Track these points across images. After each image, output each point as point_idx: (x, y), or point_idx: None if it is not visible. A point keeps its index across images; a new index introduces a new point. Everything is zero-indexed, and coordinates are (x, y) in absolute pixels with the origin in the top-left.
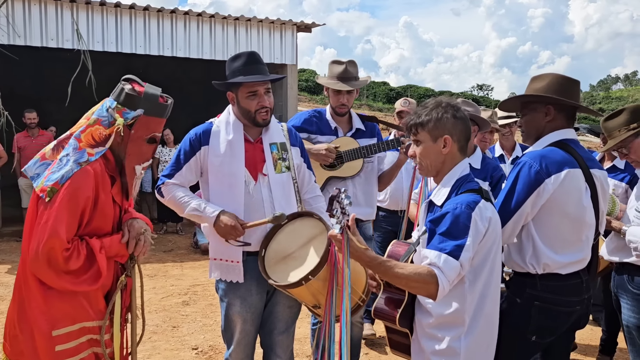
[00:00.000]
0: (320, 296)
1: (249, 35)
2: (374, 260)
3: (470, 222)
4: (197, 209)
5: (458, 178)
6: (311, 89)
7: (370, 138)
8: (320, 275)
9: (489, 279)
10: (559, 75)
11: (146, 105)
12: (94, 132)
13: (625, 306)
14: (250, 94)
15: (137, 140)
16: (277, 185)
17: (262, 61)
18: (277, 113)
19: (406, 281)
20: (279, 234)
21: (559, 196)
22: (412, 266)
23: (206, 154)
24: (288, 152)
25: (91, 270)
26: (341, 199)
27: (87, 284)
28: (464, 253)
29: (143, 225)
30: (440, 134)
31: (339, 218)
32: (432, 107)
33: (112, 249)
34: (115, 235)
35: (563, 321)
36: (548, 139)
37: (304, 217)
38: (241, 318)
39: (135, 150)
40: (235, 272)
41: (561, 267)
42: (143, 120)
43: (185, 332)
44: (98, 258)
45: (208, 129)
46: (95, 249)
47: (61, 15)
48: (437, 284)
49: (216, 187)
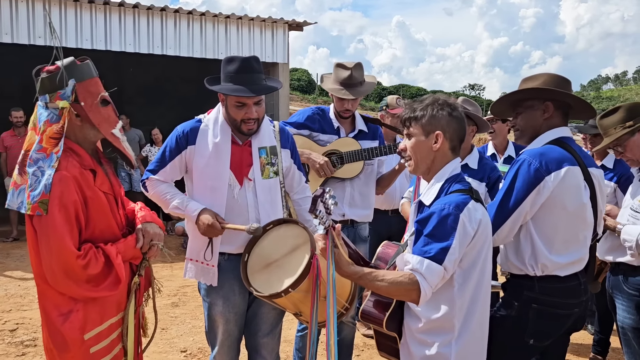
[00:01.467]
0: (301, 305)
1: (240, 34)
2: (354, 274)
3: (458, 224)
4: (179, 207)
5: (448, 177)
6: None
7: (372, 140)
8: (302, 287)
9: (479, 282)
10: (552, 74)
11: (72, 74)
12: (49, 134)
13: (620, 307)
14: (238, 104)
15: (92, 108)
16: (264, 190)
17: (258, 68)
18: (269, 112)
19: (387, 291)
20: (263, 239)
21: (559, 194)
22: (392, 275)
23: (192, 154)
24: (277, 156)
25: (110, 277)
26: (325, 199)
27: (107, 289)
28: (448, 256)
29: (157, 230)
30: (433, 129)
31: (322, 219)
32: (428, 103)
33: (128, 253)
34: (129, 239)
35: (561, 324)
36: (546, 137)
37: (289, 224)
38: (224, 318)
39: (98, 117)
40: (210, 275)
41: (559, 269)
42: (81, 88)
43: (174, 334)
44: (116, 264)
45: (196, 127)
46: (112, 255)
47: (49, 13)
48: (419, 290)
49: (199, 188)
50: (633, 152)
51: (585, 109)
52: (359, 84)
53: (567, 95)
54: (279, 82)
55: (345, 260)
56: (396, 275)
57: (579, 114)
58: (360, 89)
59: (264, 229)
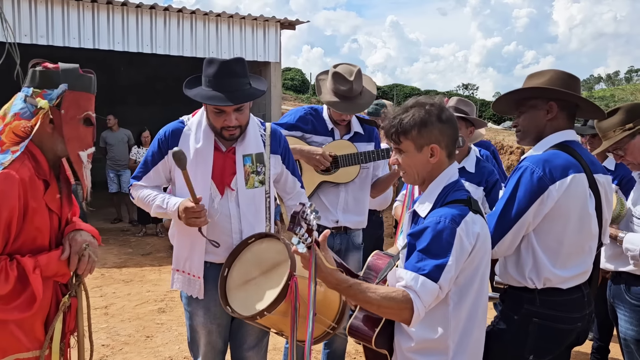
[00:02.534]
0: (282, 325)
1: (232, 33)
2: (343, 283)
3: (454, 239)
4: (161, 206)
5: (445, 186)
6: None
7: (368, 142)
8: (279, 310)
9: (476, 300)
10: (560, 71)
11: (68, 79)
12: (14, 128)
13: (622, 317)
14: (216, 111)
15: (71, 121)
16: (247, 200)
17: (240, 71)
18: (261, 112)
19: (377, 307)
20: (245, 253)
21: (564, 204)
22: (385, 289)
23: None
24: (264, 164)
25: (24, 294)
26: (306, 215)
27: (19, 310)
28: (444, 274)
29: (87, 237)
30: (426, 142)
31: (303, 237)
32: (413, 111)
33: (50, 268)
34: (53, 252)
35: (563, 339)
36: (549, 141)
37: (271, 238)
38: (205, 329)
39: (72, 133)
40: (196, 288)
41: (563, 282)
42: (70, 97)
43: (160, 342)
44: (32, 279)
45: (178, 129)
46: (28, 268)
47: (35, 11)
48: (412, 310)
49: (180, 195)
50: (634, 155)
51: (592, 110)
52: (359, 94)
53: (573, 96)
54: (264, 83)
55: (332, 269)
56: (389, 290)
57: (586, 114)
58: (360, 101)
59: (246, 242)
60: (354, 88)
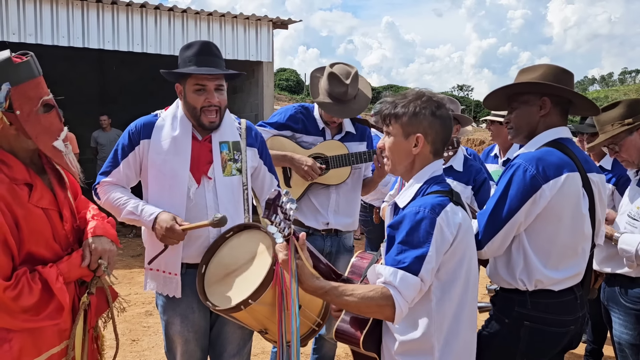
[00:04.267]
0: (267, 321)
1: (224, 32)
2: (319, 289)
3: (434, 229)
4: (133, 212)
5: (428, 179)
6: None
7: (360, 142)
8: (265, 299)
9: (462, 297)
10: (553, 65)
11: (7, 76)
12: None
13: (616, 321)
14: (197, 87)
15: (29, 117)
16: (225, 188)
17: (218, 54)
18: (253, 112)
19: (357, 308)
20: (222, 248)
21: (557, 203)
22: (363, 289)
23: (146, 149)
24: (242, 153)
25: (52, 303)
26: (282, 203)
27: (49, 318)
28: (425, 265)
29: (107, 246)
30: (413, 130)
31: (280, 226)
32: (411, 99)
33: (72, 274)
34: (73, 257)
35: (556, 343)
36: (542, 138)
37: (251, 229)
38: (182, 338)
39: (37, 129)
40: (172, 286)
41: (555, 284)
42: (17, 93)
43: (146, 346)
44: (56, 290)
45: (151, 121)
46: (51, 279)
47: (23, 9)
48: (393, 307)
49: (155, 189)
50: (629, 152)
51: (586, 106)
52: (353, 98)
53: (566, 91)
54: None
55: (309, 272)
56: (366, 289)
57: (580, 111)
58: (354, 106)
59: (224, 237)
60: (349, 92)
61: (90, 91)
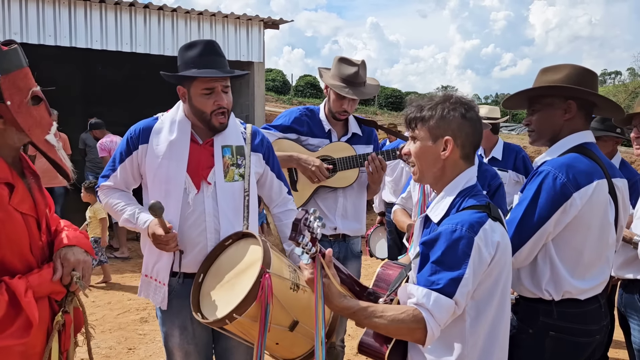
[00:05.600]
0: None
1: (214, 31)
2: (346, 310)
3: (472, 250)
4: (130, 220)
5: (461, 190)
6: (278, 89)
7: (367, 145)
8: (251, 313)
9: (498, 317)
10: (577, 66)
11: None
12: None
13: (635, 327)
14: (205, 92)
15: (21, 109)
16: (226, 195)
17: (222, 52)
18: (244, 113)
19: (386, 330)
20: (221, 256)
21: (587, 212)
22: (393, 311)
23: (144, 154)
24: (245, 157)
25: (19, 320)
26: (310, 222)
27: (15, 337)
28: (460, 288)
29: (80, 256)
30: (442, 133)
31: (307, 246)
32: (438, 101)
33: (43, 288)
34: (44, 270)
35: (581, 353)
36: (567, 143)
37: (248, 237)
38: (182, 351)
39: (29, 121)
40: (160, 296)
41: (581, 293)
42: (7, 83)
43: (143, 354)
44: (24, 304)
45: (150, 125)
46: (19, 292)
47: (8, 7)
48: (425, 329)
49: (153, 194)
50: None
51: (611, 108)
52: (363, 84)
53: (594, 95)
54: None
55: (337, 291)
56: (397, 311)
57: (604, 113)
58: (364, 89)
59: (223, 245)
60: (360, 73)
61: (75, 91)
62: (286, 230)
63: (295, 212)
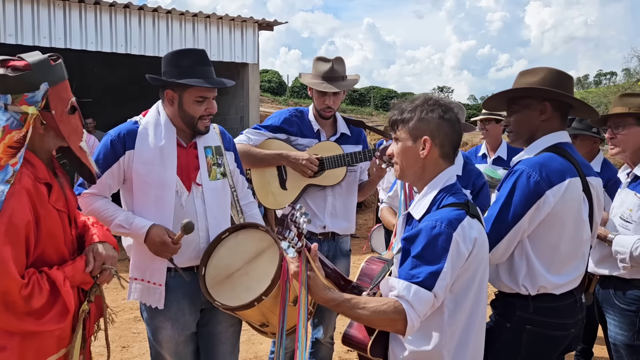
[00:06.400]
0: (269, 314)
1: (209, 33)
2: (330, 301)
3: (450, 245)
4: (123, 225)
5: (442, 188)
6: (274, 90)
7: (356, 145)
8: (273, 294)
9: (474, 309)
10: (554, 69)
11: (45, 76)
12: (8, 142)
13: (612, 322)
14: (199, 99)
15: (62, 117)
16: (212, 194)
17: (210, 62)
18: (239, 114)
19: (368, 321)
20: (219, 249)
21: (560, 209)
22: (375, 303)
23: (130, 160)
24: (223, 156)
25: (56, 306)
26: (296, 218)
27: (53, 322)
28: (439, 282)
29: (110, 252)
30: (421, 134)
31: (293, 241)
32: (417, 104)
33: (76, 278)
34: (77, 262)
35: (557, 346)
36: (542, 143)
37: (247, 229)
38: (173, 342)
39: (69, 128)
40: (156, 297)
41: (556, 288)
42: (54, 94)
43: (136, 352)
44: (63, 292)
45: (133, 129)
46: (59, 281)
47: (3, 9)
48: (405, 321)
49: (141, 199)
50: (626, 140)
51: (586, 110)
52: (341, 78)
53: (568, 97)
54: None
55: (321, 284)
56: (379, 302)
57: (579, 114)
58: (342, 82)
59: (220, 238)
60: (335, 68)
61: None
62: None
63: (254, 203)
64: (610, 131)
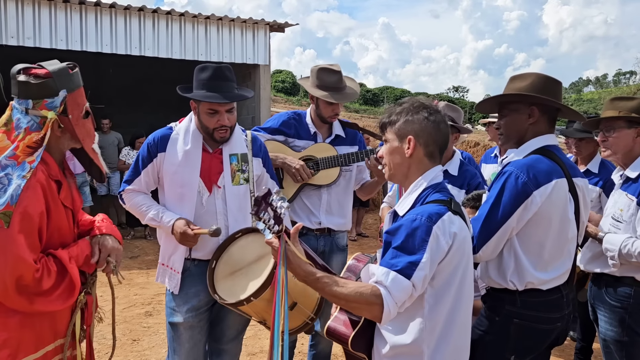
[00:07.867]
0: (265, 314)
1: (221, 35)
2: (310, 275)
3: (430, 237)
4: (154, 219)
5: (427, 186)
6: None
7: (351, 146)
8: (265, 296)
9: (456, 305)
10: (542, 74)
11: (64, 83)
12: (27, 142)
13: (602, 318)
14: (210, 111)
15: (78, 122)
16: (233, 197)
17: (230, 76)
18: (250, 114)
19: (345, 301)
20: (232, 247)
21: (547, 209)
22: (355, 284)
23: (162, 161)
24: (248, 163)
25: (63, 284)
26: (272, 200)
27: (61, 300)
28: (417, 271)
29: (115, 245)
30: (406, 134)
31: (268, 222)
32: (404, 107)
33: (80, 259)
34: (81, 243)
35: (543, 339)
36: (531, 145)
37: (257, 232)
38: (188, 325)
39: (84, 132)
40: (174, 282)
41: (543, 284)
42: (71, 100)
43: (146, 345)
44: (69, 269)
45: (167, 134)
46: (65, 260)
47: (22, 12)
48: (382, 305)
49: (169, 196)
50: (617, 143)
51: (572, 114)
52: (344, 87)
53: (553, 102)
54: (250, 91)
55: (300, 259)
56: (358, 285)
57: (567, 117)
58: (347, 91)
59: (233, 237)
60: (342, 79)
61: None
62: None
63: None
64: (602, 134)
